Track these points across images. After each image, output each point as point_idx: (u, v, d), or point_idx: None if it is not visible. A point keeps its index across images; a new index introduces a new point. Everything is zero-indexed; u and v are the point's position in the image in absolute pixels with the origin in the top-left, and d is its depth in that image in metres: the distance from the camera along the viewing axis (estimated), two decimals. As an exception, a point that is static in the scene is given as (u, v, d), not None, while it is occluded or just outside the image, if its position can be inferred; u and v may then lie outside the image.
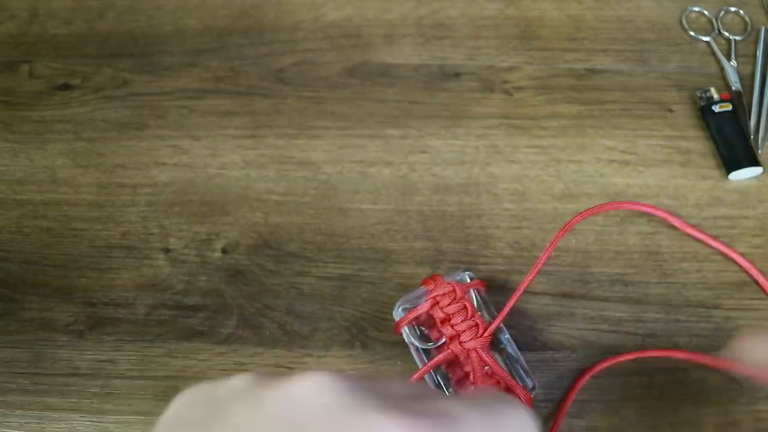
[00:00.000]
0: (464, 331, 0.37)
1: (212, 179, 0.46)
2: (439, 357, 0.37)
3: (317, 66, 0.51)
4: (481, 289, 0.40)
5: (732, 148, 0.46)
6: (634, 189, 0.46)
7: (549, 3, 0.54)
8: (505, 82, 0.50)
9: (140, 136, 0.48)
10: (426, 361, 0.37)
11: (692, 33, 0.53)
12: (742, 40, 0.52)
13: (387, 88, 0.50)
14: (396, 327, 0.38)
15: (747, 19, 0.53)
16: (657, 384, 0.39)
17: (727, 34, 0.53)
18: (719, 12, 0.53)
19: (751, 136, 0.48)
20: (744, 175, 0.46)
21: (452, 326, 0.37)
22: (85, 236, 0.44)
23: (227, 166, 0.47)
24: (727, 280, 0.42)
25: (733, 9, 0.54)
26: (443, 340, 0.38)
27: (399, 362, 0.40)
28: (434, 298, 0.38)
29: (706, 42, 0.52)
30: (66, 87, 0.50)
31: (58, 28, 0.53)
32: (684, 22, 0.53)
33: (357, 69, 0.51)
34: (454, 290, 0.38)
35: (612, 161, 0.47)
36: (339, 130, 0.48)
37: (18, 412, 0.38)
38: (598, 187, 0.46)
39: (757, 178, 0.46)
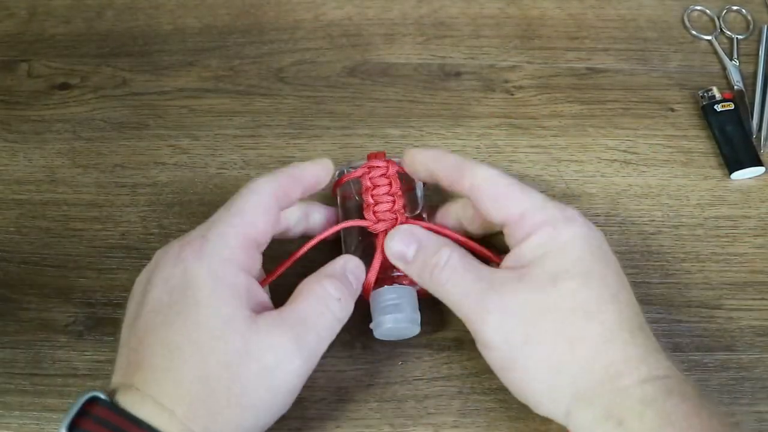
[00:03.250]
0: (382, 203, 0.39)
1: (212, 179, 0.46)
2: (351, 222, 0.39)
3: (317, 65, 0.51)
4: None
5: (734, 148, 0.46)
6: (636, 189, 0.45)
7: (550, 2, 0.54)
8: (506, 81, 0.50)
9: (139, 135, 0.48)
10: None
11: (694, 32, 0.52)
12: (744, 39, 0.52)
13: (387, 87, 0.50)
14: (333, 187, 0.41)
15: (749, 17, 0.53)
16: (659, 385, 0.39)
17: (729, 32, 0.52)
18: (721, 11, 0.53)
19: (754, 136, 0.47)
20: (746, 174, 0.46)
21: (372, 196, 0.39)
22: (84, 236, 0.44)
23: (227, 166, 0.46)
24: (729, 281, 0.42)
25: (735, 8, 0.54)
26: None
27: (400, 362, 0.39)
28: (368, 167, 0.40)
29: (708, 41, 0.52)
30: (65, 86, 0.50)
31: (56, 27, 0.53)
32: (686, 21, 0.53)
33: (357, 68, 0.51)
34: (387, 167, 0.39)
35: (613, 161, 0.47)
36: (339, 130, 0.48)
37: (16, 413, 0.38)
38: (599, 187, 0.46)
39: (759, 177, 0.46)
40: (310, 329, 0.33)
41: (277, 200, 0.36)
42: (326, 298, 0.34)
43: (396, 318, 0.37)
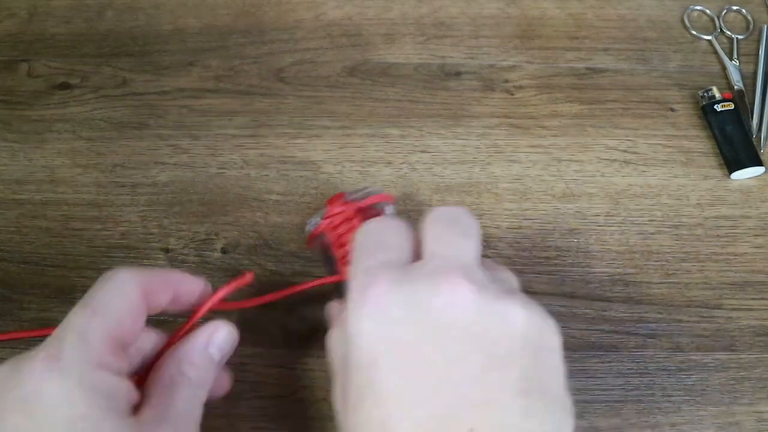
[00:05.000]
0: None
1: (212, 179, 0.46)
2: (328, 278, 0.38)
3: (317, 65, 0.51)
4: (387, 203, 0.40)
5: (734, 148, 0.46)
6: (636, 189, 0.45)
7: (550, 2, 0.54)
8: (506, 81, 0.50)
9: (140, 135, 0.48)
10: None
11: (694, 32, 0.52)
12: (744, 39, 0.52)
13: (387, 87, 0.50)
14: (306, 244, 0.39)
15: (749, 17, 0.53)
16: (658, 384, 0.39)
17: (729, 32, 0.52)
18: (721, 11, 0.53)
19: (753, 136, 0.47)
20: (746, 174, 0.46)
21: (340, 246, 0.38)
22: (84, 236, 0.44)
23: (227, 166, 0.46)
24: (729, 281, 0.42)
25: (735, 8, 0.54)
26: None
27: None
28: (329, 218, 0.38)
29: (708, 41, 0.52)
30: (65, 86, 0.50)
31: (57, 26, 0.53)
32: (686, 21, 0.53)
33: (357, 68, 0.51)
34: (344, 211, 0.38)
35: (613, 161, 0.47)
36: (339, 130, 0.48)
37: (17, 412, 0.38)
38: (599, 187, 0.46)
39: (759, 177, 0.46)
40: (184, 416, 0.30)
41: (145, 298, 0.31)
42: (189, 385, 0.31)
43: None
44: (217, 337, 0.33)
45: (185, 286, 0.34)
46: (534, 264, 0.43)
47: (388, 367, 0.27)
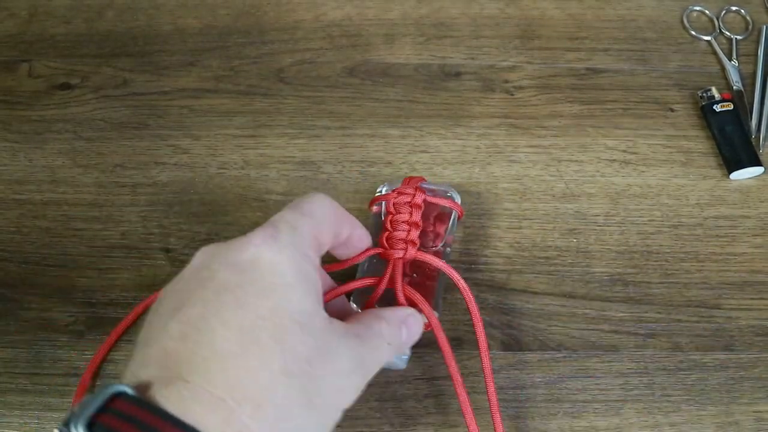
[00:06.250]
0: (398, 230, 0.38)
1: (212, 179, 0.46)
2: (368, 251, 0.38)
3: (317, 65, 0.51)
4: (455, 212, 0.41)
5: (733, 148, 0.46)
6: (635, 189, 0.46)
7: (550, 2, 0.54)
8: (506, 81, 0.50)
9: (140, 135, 0.48)
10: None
11: (693, 32, 0.53)
12: (744, 40, 0.52)
13: (387, 87, 0.50)
14: (369, 204, 0.41)
15: (748, 18, 0.53)
16: (658, 384, 0.39)
17: (728, 33, 0.52)
18: (720, 11, 0.53)
19: (753, 136, 0.48)
20: (745, 174, 0.46)
21: (391, 222, 0.39)
22: (85, 236, 0.44)
23: (227, 166, 0.46)
24: (728, 280, 0.42)
25: (734, 8, 0.54)
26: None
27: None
28: (397, 192, 0.40)
29: (707, 41, 0.52)
30: (65, 86, 0.50)
31: (57, 27, 0.53)
32: (685, 22, 0.53)
33: (357, 68, 0.51)
34: (413, 195, 0.39)
35: (613, 161, 0.47)
36: (339, 130, 0.48)
37: (17, 412, 0.38)
38: (598, 187, 0.46)
39: (758, 177, 0.46)
40: (367, 356, 0.31)
41: (337, 220, 0.34)
42: (381, 338, 0.32)
43: None
44: (412, 321, 0.35)
45: (359, 231, 0.36)
46: (534, 264, 0.43)
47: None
